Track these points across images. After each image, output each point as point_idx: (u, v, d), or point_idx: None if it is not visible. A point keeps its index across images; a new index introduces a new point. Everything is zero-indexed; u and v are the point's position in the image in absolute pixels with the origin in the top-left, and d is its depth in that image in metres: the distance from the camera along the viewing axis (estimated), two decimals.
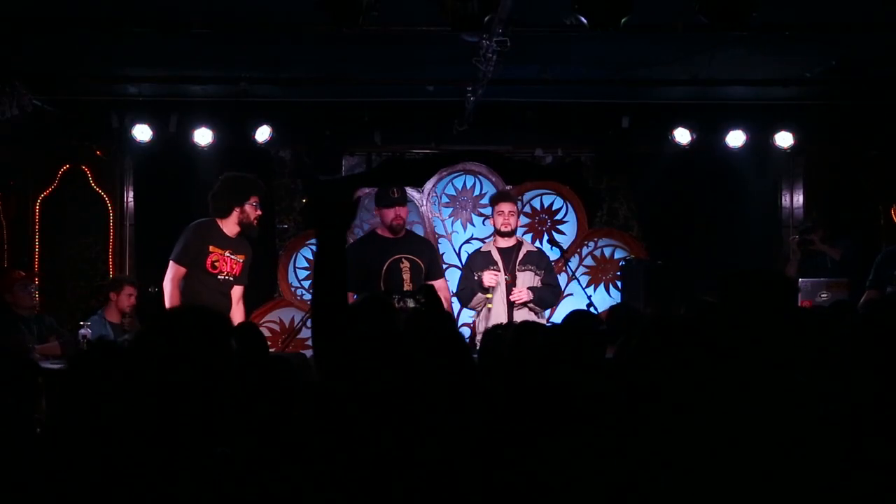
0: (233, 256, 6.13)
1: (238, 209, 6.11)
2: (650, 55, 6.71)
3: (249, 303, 7.10)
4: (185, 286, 5.98)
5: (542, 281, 6.65)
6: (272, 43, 6.44)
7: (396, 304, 3.26)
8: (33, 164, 8.24)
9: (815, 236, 7.60)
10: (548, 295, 6.70)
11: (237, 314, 6.21)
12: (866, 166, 8.26)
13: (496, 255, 6.68)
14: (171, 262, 6.02)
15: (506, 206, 6.74)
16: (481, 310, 6.61)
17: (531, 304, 6.55)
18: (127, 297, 7.13)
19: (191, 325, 2.33)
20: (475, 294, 6.58)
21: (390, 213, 6.41)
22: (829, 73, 6.97)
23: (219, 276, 6.08)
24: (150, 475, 2.10)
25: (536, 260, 6.73)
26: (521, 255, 6.65)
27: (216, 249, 6.06)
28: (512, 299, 6.48)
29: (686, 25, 5.56)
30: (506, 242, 6.74)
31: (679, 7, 5.16)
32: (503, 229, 6.67)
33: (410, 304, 3.21)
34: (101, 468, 2.13)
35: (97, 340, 5.62)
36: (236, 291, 6.24)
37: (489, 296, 6.49)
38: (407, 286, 6.19)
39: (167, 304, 5.93)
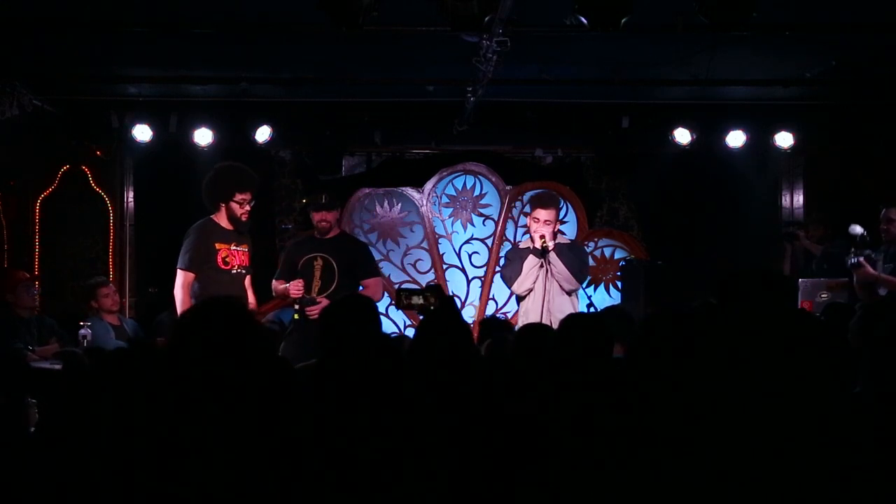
0: (238, 248, 6.04)
1: (224, 205, 6.00)
2: (650, 55, 6.71)
3: None
4: (199, 289, 5.88)
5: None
6: (272, 43, 6.44)
7: (404, 301, 3.23)
8: (33, 164, 8.24)
9: (800, 232, 7.65)
10: (576, 263, 6.36)
11: (252, 304, 6.22)
12: (866, 166, 8.25)
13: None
14: (178, 271, 5.91)
15: (542, 213, 6.30)
16: (536, 280, 6.23)
17: (561, 274, 6.21)
18: (105, 298, 7.08)
19: (224, 319, 2.28)
20: (524, 261, 6.25)
21: (316, 216, 6.41)
22: (829, 73, 6.97)
23: (232, 271, 5.98)
24: (156, 475, 2.10)
25: (569, 247, 6.49)
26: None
27: (222, 245, 5.95)
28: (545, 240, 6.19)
29: (686, 25, 5.55)
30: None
31: (679, 7, 5.16)
32: (537, 244, 6.25)
33: (418, 300, 3.17)
34: (103, 468, 2.13)
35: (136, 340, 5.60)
36: (247, 281, 6.21)
37: (545, 244, 6.14)
38: (316, 283, 6.21)
39: (179, 312, 5.73)
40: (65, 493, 2.15)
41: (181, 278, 5.90)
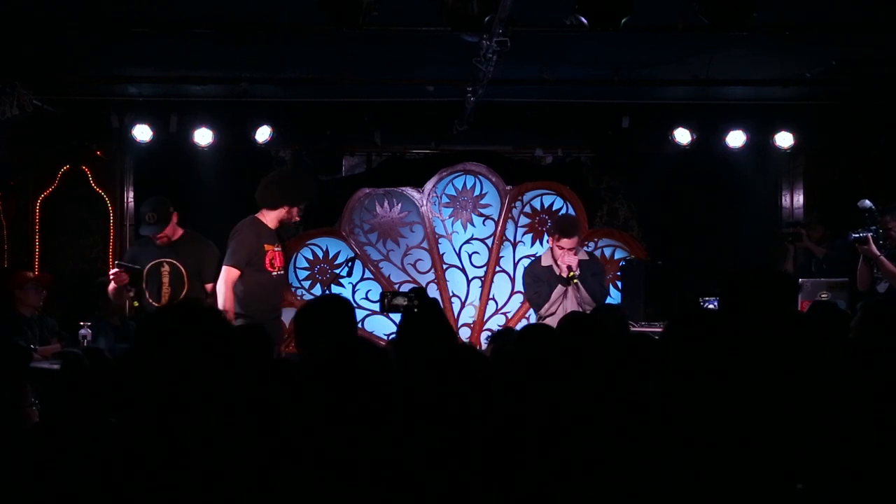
0: (278, 249, 6.11)
1: (286, 208, 6.10)
2: (650, 55, 6.71)
3: None
4: (243, 290, 5.88)
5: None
6: (272, 43, 6.45)
7: (386, 303, 3.24)
8: (33, 164, 8.25)
9: (803, 231, 7.65)
10: (597, 287, 6.48)
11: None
12: (866, 166, 8.26)
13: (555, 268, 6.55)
14: (225, 267, 5.89)
15: (567, 242, 6.44)
16: (559, 306, 6.41)
17: (583, 298, 6.36)
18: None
19: (190, 323, 2.29)
20: (553, 289, 6.43)
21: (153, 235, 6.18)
22: (829, 73, 6.97)
23: (274, 274, 6.02)
24: (154, 475, 2.10)
25: (588, 266, 6.59)
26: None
27: (270, 247, 6.01)
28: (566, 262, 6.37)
29: (686, 25, 5.55)
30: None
31: (679, 7, 5.17)
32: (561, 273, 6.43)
33: (401, 301, 3.18)
34: (102, 467, 2.13)
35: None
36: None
37: (573, 274, 6.33)
38: (165, 289, 6.07)
39: (222, 308, 5.64)
40: (64, 492, 2.15)
41: (227, 274, 5.89)
